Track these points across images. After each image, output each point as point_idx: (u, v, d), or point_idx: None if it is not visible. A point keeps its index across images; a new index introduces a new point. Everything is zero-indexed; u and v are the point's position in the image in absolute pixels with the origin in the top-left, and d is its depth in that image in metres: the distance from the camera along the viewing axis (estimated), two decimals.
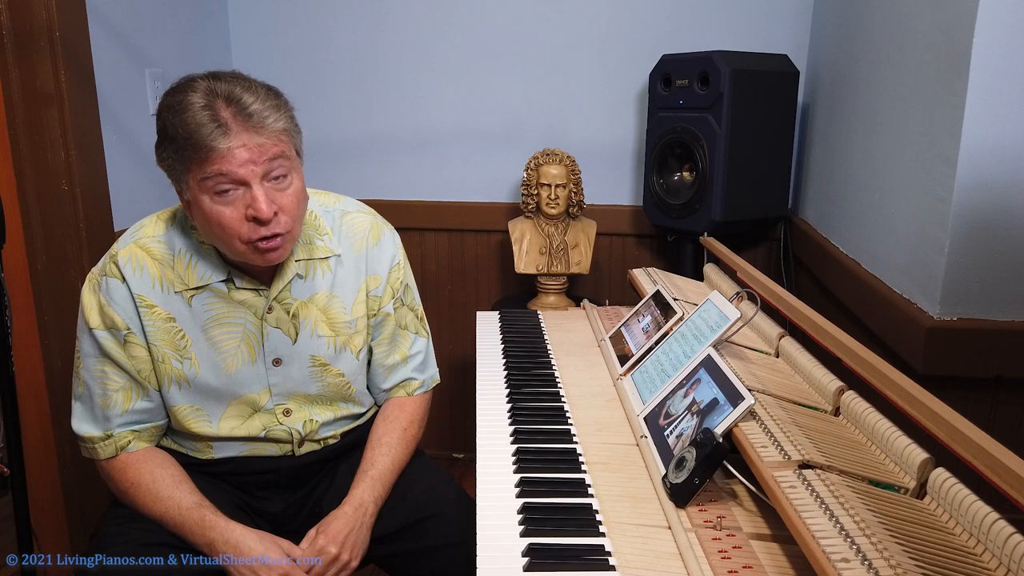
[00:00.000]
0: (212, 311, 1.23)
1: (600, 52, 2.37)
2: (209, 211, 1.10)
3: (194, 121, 1.05)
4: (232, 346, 1.24)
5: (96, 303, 1.21)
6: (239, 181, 1.08)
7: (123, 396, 1.23)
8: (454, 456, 2.72)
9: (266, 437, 1.30)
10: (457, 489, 1.37)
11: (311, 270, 1.28)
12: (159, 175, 1.17)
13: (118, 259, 1.20)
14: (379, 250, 1.35)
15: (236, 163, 1.06)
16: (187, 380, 1.24)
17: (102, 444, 1.24)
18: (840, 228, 1.89)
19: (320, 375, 1.31)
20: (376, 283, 1.35)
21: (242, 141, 1.06)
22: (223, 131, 1.05)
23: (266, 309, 1.25)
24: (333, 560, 1.21)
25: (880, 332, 1.53)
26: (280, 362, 1.27)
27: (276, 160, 1.10)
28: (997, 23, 1.21)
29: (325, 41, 2.48)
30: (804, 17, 2.27)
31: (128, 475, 1.23)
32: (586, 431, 1.17)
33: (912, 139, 1.46)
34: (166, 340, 1.21)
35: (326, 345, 1.30)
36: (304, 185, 1.19)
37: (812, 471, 0.85)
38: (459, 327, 2.61)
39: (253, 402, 1.28)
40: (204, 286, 1.22)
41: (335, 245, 1.31)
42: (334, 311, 1.31)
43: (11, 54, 1.70)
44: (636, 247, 2.49)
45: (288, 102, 1.16)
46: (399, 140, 2.52)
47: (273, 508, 1.36)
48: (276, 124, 1.10)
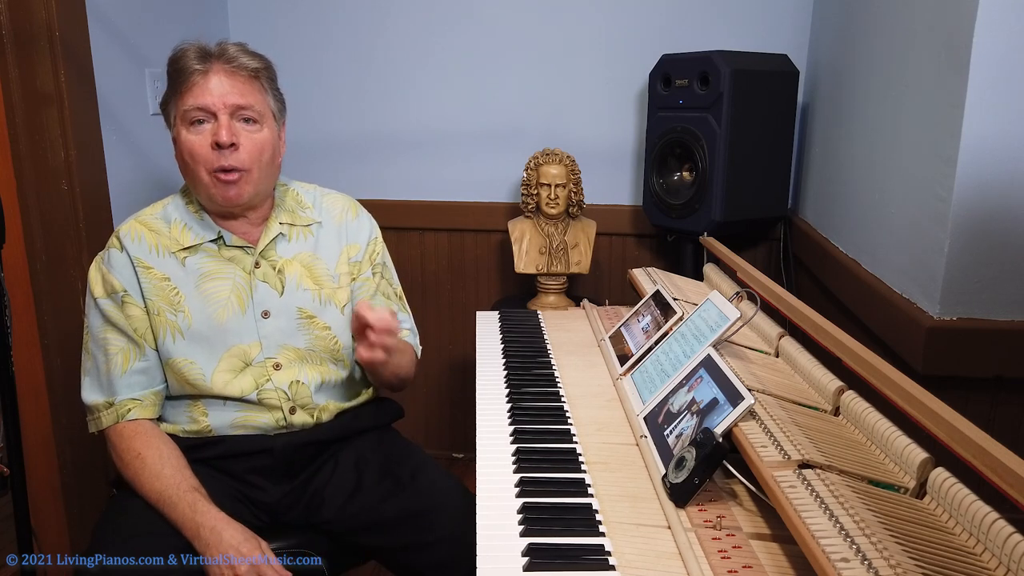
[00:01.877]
0: (204, 268, 1.35)
1: (600, 52, 2.37)
2: (184, 140, 1.28)
3: (184, 58, 1.27)
4: (223, 297, 1.34)
5: (99, 275, 1.34)
6: (209, 111, 1.26)
7: (122, 358, 1.32)
8: (454, 456, 2.72)
9: (258, 399, 1.34)
10: (458, 483, 1.39)
11: (294, 234, 1.42)
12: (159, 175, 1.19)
13: (120, 233, 1.35)
14: (358, 223, 1.49)
15: (209, 95, 1.25)
16: (180, 331, 1.32)
17: (105, 412, 1.32)
18: (840, 228, 1.89)
19: (307, 327, 1.39)
20: (355, 250, 1.47)
21: (218, 76, 1.26)
22: (202, 63, 1.26)
23: (254, 264, 1.36)
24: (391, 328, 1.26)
25: (880, 332, 1.53)
26: (268, 314, 1.36)
27: (247, 102, 1.28)
28: (997, 23, 1.21)
29: (325, 41, 2.48)
30: (804, 17, 2.27)
31: (136, 444, 1.29)
32: (586, 431, 1.17)
33: (912, 139, 1.47)
34: (161, 296, 1.32)
35: (311, 298, 1.40)
36: (276, 145, 1.35)
37: (812, 471, 0.85)
38: (459, 327, 2.61)
39: (244, 354, 1.34)
40: (196, 245, 1.35)
41: (316, 215, 1.46)
42: (317, 269, 1.42)
43: (11, 54, 1.70)
44: (636, 247, 2.49)
45: (273, 67, 1.36)
46: (399, 140, 2.52)
47: (269, 498, 1.37)
48: (250, 63, 1.29)
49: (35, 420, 1.85)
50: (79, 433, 1.83)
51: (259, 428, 1.36)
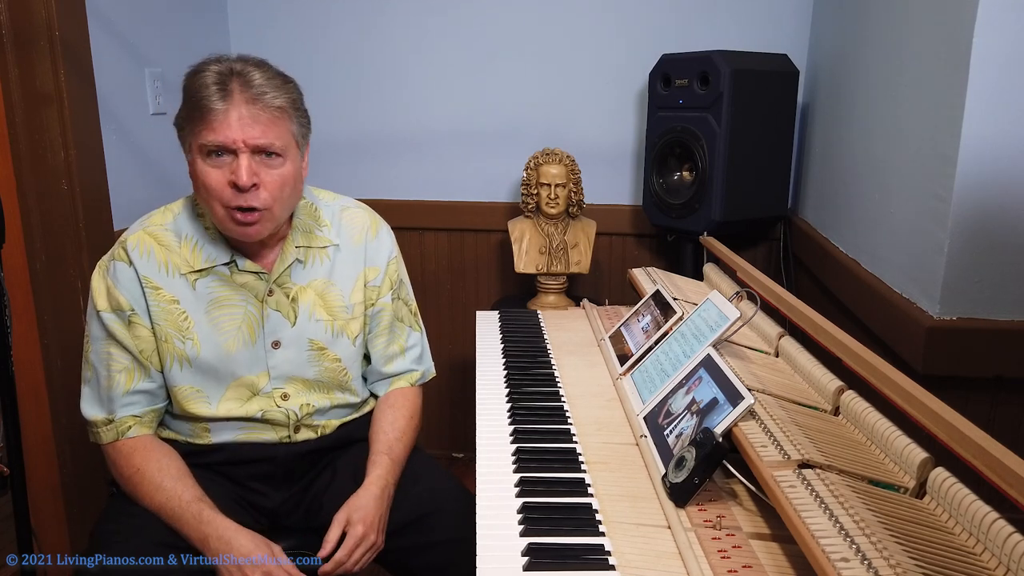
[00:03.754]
0: (215, 293, 1.28)
1: (600, 52, 2.37)
2: (200, 171, 1.18)
3: (204, 86, 1.16)
4: (233, 327, 1.29)
5: (104, 287, 1.27)
6: (228, 148, 1.16)
7: (126, 377, 1.27)
8: (454, 455, 2.72)
9: (263, 418, 1.32)
10: (459, 485, 1.39)
11: (310, 258, 1.34)
12: (159, 175, 1.18)
13: (127, 244, 1.27)
14: (378, 243, 1.41)
15: (229, 130, 1.15)
16: (188, 360, 1.28)
17: (105, 428, 1.28)
18: (840, 228, 1.89)
19: (318, 359, 1.35)
20: (375, 274, 1.40)
21: (239, 111, 1.15)
22: (223, 97, 1.15)
23: (267, 292, 1.30)
24: (372, 545, 1.25)
25: (880, 332, 1.53)
26: (279, 344, 1.32)
27: (269, 142, 1.18)
28: (997, 23, 1.21)
29: (325, 41, 2.48)
30: (804, 17, 2.27)
31: (134, 460, 1.26)
32: (586, 431, 1.17)
33: (912, 139, 1.46)
34: (169, 321, 1.26)
35: (324, 329, 1.35)
36: (298, 174, 1.26)
37: (812, 471, 0.85)
38: (459, 327, 2.61)
39: (252, 384, 1.31)
40: (208, 268, 1.28)
41: (334, 236, 1.37)
42: (331, 297, 1.36)
43: (11, 54, 1.70)
44: (636, 247, 2.49)
45: (298, 89, 1.25)
46: (399, 140, 2.52)
47: (270, 503, 1.36)
48: (274, 100, 1.18)
49: (35, 420, 1.85)
50: (79, 433, 1.83)
51: (262, 441, 1.34)
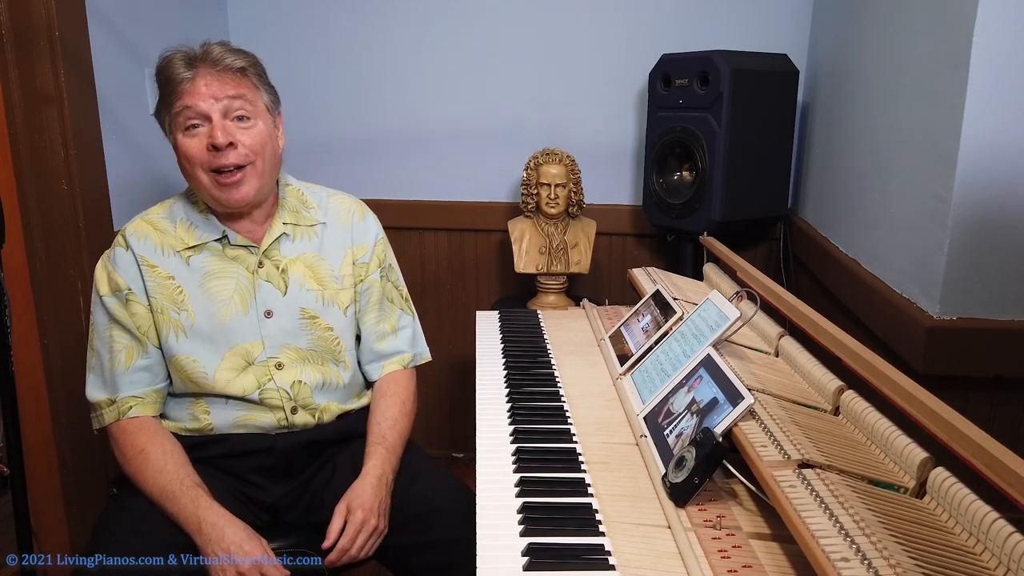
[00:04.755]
0: (208, 267, 1.36)
1: (600, 52, 2.37)
2: (180, 145, 1.28)
3: (171, 66, 1.27)
4: (226, 296, 1.35)
5: (105, 273, 1.35)
6: (202, 114, 1.26)
7: (126, 355, 1.33)
8: (454, 455, 2.72)
9: (259, 399, 1.34)
10: (459, 485, 1.39)
11: (299, 234, 1.42)
12: (159, 175, 1.19)
13: (126, 232, 1.36)
14: (364, 224, 1.49)
15: (198, 96, 1.25)
16: (183, 329, 1.33)
17: (107, 409, 1.33)
18: (840, 228, 1.89)
19: (310, 327, 1.39)
20: (362, 252, 1.47)
21: (205, 78, 1.26)
22: (188, 67, 1.26)
23: (257, 264, 1.37)
24: (373, 529, 1.29)
25: (880, 332, 1.53)
26: (271, 314, 1.37)
27: (237, 100, 1.28)
28: (997, 23, 1.21)
29: (325, 41, 2.48)
30: (804, 17, 2.27)
31: (138, 440, 1.30)
32: (586, 430, 1.17)
33: (912, 139, 1.46)
34: (165, 294, 1.33)
35: (314, 298, 1.40)
36: (273, 138, 1.35)
37: (812, 470, 0.85)
38: (459, 327, 2.61)
39: (247, 353, 1.35)
40: (201, 244, 1.36)
41: (321, 216, 1.45)
42: (321, 269, 1.42)
43: (11, 54, 1.70)
44: (636, 247, 2.49)
45: (259, 61, 1.36)
46: (399, 140, 2.52)
47: (270, 497, 1.37)
48: (235, 63, 1.29)
49: (35, 420, 1.85)
50: (79, 433, 1.83)
51: (260, 427, 1.36)
